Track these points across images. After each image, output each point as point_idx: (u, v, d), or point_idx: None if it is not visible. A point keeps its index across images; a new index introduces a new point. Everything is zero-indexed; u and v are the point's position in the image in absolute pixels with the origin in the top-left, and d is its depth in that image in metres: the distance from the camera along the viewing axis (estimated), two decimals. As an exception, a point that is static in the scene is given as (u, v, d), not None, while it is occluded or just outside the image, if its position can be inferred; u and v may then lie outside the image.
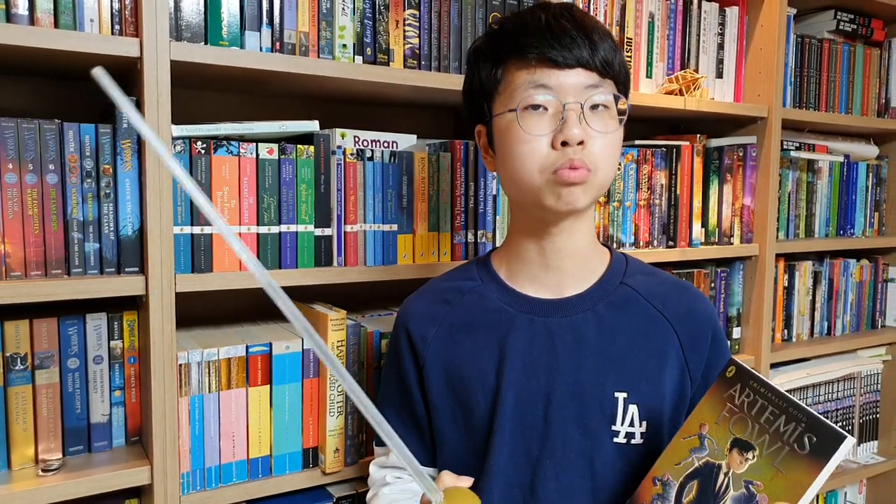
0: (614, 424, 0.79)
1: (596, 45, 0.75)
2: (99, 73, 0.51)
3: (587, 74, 0.75)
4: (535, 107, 0.75)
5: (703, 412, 0.72)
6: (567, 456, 0.79)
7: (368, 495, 0.92)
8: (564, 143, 0.74)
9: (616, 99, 0.78)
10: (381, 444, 0.93)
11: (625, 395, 0.79)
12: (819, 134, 1.79)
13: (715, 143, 1.54)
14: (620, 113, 0.79)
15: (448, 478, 0.71)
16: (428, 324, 0.86)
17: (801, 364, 1.70)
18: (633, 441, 0.79)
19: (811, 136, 1.75)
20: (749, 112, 1.53)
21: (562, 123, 0.74)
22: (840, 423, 1.82)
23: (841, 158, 1.77)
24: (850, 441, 0.60)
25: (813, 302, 1.75)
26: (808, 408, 0.64)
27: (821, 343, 1.73)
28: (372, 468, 0.93)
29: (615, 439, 0.79)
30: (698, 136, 1.50)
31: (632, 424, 0.79)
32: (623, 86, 0.80)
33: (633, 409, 0.79)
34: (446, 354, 0.84)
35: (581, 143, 0.74)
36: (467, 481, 0.71)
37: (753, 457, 0.66)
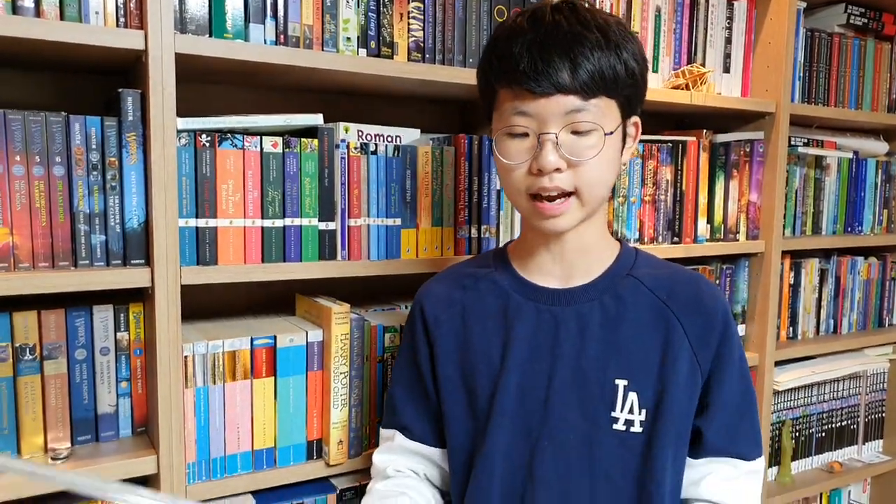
0: (613, 411, 0.80)
1: (578, 63, 0.73)
2: None
3: (566, 99, 0.74)
4: (518, 133, 0.77)
5: None
6: (566, 439, 0.81)
7: (369, 486, 0.93)
8: (540, 171, 0.76)
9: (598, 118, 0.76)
10: (388, 426, 0.94)
11: (625, 382, 0.80)
12: (828, 130, 1.77)
13: (721, 138, 1.53)
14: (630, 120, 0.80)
15: None
16: (442, 306, 0.89)
17: (807, 362, 1.70)
18: (632, 429, 0.80)
19: (819, 132, 1.74)
20: (756, 107, 1.52)
21: (538, 150, 0.76)
22: (845, 422, 1.81)
23: (850, 155, 1.76)
24: None
25: (819, 300, 1.74)
26: None
27: (827, 341, 1.72)
28: (375, 458, 0.94)
29: (614, 426, 0.80)
30: (704, 131, 1.49)
31: (631, 412, 0.80)
32: (626, 97, 0.78)
33: (632, 396, 0.80)
34: (457, 337, 0.87)
35: (558, 169, 0.75)
36: None
37: None
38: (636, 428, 0.80)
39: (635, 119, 0.84)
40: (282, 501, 1.09)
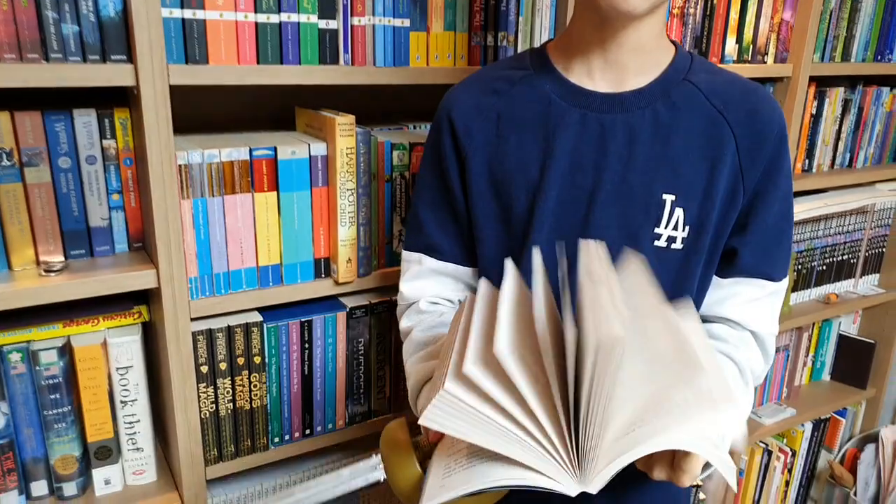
0: (657, 227, 0.75)
1: None
2: None
3: None
4: None
5: None
6: None
7: (401, 323, 0.88)
8: None
9: None
10: (413, 248, 0.87)
11: (672, 197, 0.74)
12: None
13: (761, -57, 1.37)
14: None
15: None
16: (473, 115, 0.80)
17: (819, 195, 1.66)
18: (673, 246, 0.75)
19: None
20: None
21: None
22: (845, 256, 1.82)
23: (893, -30, 1.61)
24: None
25: (839, 132, 1.67)
26: None
27: (840, 174, 1.67)
28: (403, 287, 0.88)
29: (656, 242, 0.75)
30: (744, -66, 1.33)
31: (675, 228, 0.75)
32: None
33: (679, 212, 0.74)
34: (491, 148, 0.79)
35: None
36: None
37: None
38: (677, 245, 0.75)
39: None
40: (290, 318, 1.06)
